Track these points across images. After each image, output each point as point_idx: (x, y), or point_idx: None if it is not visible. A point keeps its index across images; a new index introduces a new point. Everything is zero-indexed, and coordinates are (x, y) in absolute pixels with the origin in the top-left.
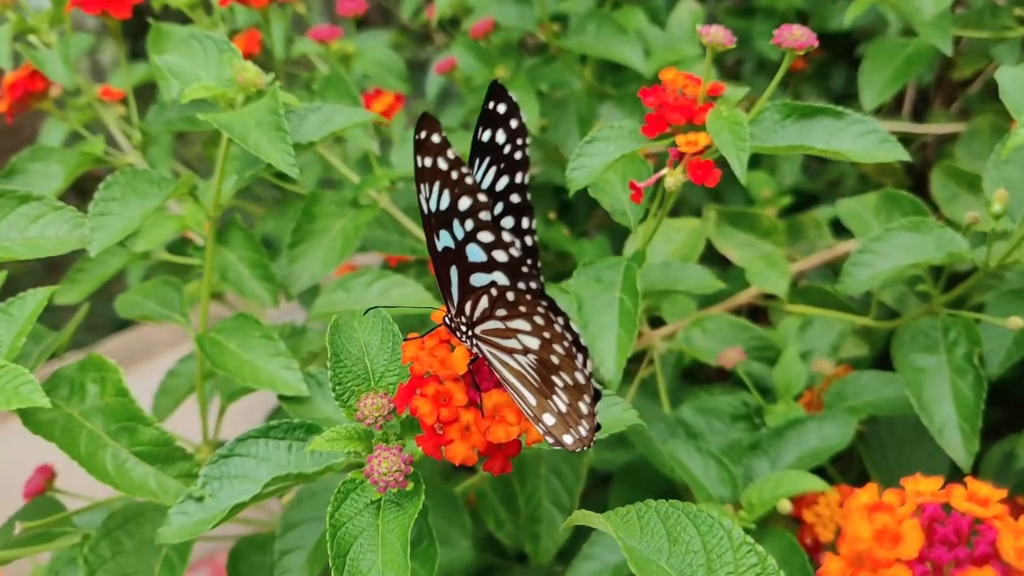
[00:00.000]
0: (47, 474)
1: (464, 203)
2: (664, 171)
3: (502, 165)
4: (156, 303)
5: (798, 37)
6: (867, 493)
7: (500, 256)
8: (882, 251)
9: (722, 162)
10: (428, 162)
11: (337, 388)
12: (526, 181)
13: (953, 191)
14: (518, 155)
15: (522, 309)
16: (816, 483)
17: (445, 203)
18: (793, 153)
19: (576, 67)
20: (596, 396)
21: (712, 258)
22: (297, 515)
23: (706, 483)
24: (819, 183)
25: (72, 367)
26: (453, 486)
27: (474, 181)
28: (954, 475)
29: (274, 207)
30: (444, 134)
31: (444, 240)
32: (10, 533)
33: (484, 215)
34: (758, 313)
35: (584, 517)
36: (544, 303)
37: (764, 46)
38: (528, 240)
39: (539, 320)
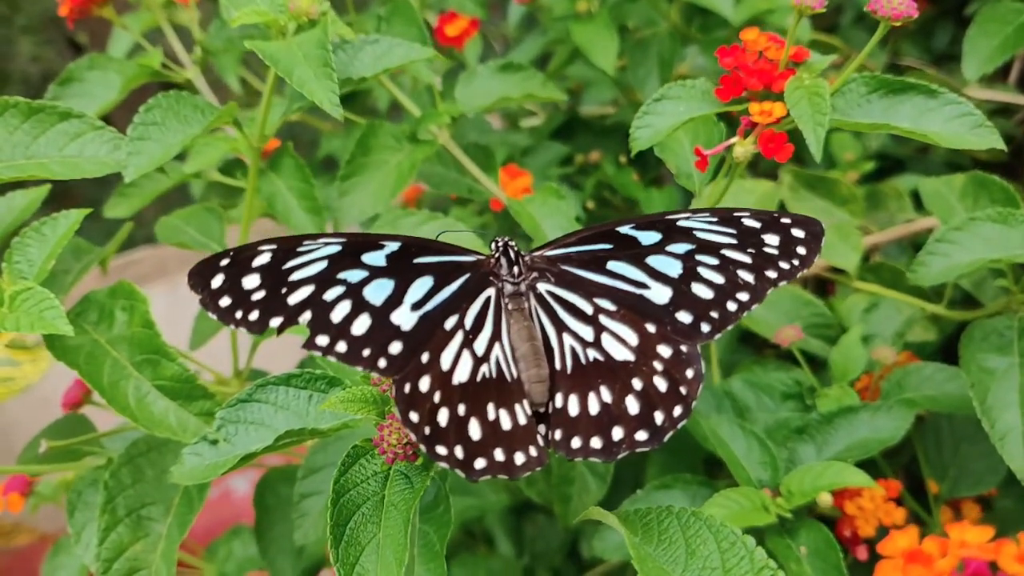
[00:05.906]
0: (85, 387)
1: None
2: (733, 140)
3: (751, 251)
4: (195, 230)
5: (896, 6)
6: (905, 537)
7: None
8: (962, 242)
9: (799, 132)
10: None
11: None
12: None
13: None
14: (771, 273)
15: None
16: (861, 478)
17: None
18: (876, 131)
19: (663, 6)
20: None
21: None
22: (320, 459)
23: (747, 465)
24: (907, 148)
25: (103, 292)
26: None
27: None
28: (1010, 481)
29: (340, 125)
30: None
31: None
32: (36, 449)
33: None
34: (823, 284)
35: (599, 514)
36: None
37: None
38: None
39: None
